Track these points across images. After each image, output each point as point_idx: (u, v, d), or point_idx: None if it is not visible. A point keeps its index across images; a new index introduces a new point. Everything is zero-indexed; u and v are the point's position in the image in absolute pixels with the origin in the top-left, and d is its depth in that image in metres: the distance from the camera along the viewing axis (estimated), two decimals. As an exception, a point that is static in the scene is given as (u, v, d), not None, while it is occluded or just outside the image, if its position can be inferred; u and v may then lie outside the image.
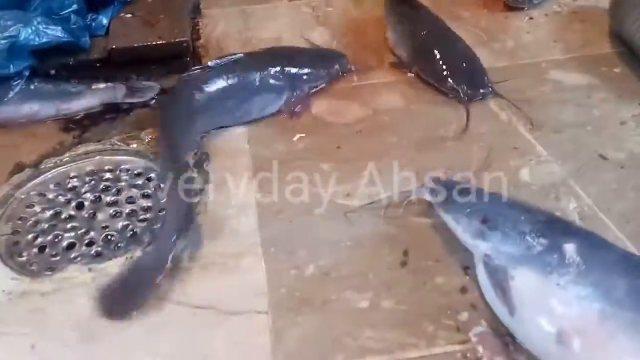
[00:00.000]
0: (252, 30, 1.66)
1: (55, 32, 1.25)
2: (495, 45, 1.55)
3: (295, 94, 1.28)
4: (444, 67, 1.32)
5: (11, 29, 1.19)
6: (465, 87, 1.27)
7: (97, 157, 1.19)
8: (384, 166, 1.12)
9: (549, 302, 0.70)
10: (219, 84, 1.21)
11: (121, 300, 0.84)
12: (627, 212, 0.99)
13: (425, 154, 1.16)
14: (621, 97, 1.31)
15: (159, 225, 1.01)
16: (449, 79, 1.30)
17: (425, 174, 1.08)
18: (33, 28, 1.22)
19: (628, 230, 0.96)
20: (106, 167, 1.16)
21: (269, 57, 1.31)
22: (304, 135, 1.23)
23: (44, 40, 1.24)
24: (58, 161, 1.18)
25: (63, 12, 1.33)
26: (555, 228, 0.78)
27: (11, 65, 1.23)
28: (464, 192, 0.90)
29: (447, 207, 0.89)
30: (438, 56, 1.35)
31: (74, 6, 1.35)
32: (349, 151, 1.18)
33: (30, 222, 1.04)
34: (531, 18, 1.68)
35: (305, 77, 1.30)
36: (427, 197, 0.95)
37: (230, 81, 1.22)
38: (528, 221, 0.79)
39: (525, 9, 1.71)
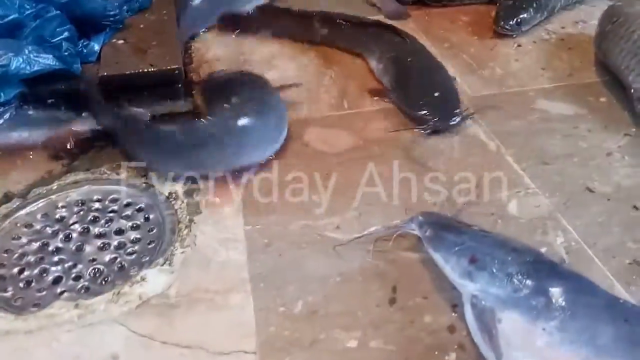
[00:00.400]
0: (245, 54, 1.67)
1: (46, 60, 1.25)
2: (484, 73, 1.57)
3: None
4: (416, 96, 1.34)
5: (2, 58, 1.19)
6: (433, 117, 1.29)
7: (86, 187, 1.18)
8: (373, 199, 1.13)
9: (536, 346, 0.70)
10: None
11: None
12: (612, 247, 1.00)
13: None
14: (607, 127, 1.33)
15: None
16: (418, 108, 1.31)
17: (414, 207, 1.09)
18: (24, 57, 1.22)
19: (613, 265, 0.97)
20: (95, 197, 1.16)
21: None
22: (295, 162, 1.23)
23: (36, 68, 1.24)
24: (46, 190, 1.17)
25: (54, 40, 1.33)
26: (542, 270, 0.78)
27: (1, 94, 1.23)
28: (452, 228, 0.91)
29: (435, 245, 0.89)
30: (412, 85, 1.37)
31: (66, 33, 1.35)
32: (339, 180, 1.18)
33: (17, 255, 1.03)
34: (519, 45, 1.70)
35: None
36: (416, 232, 0.96)
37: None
38: (515, 261, 0.79)
39: (514, 36, 1.74)
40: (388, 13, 1.87)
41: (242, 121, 1.20)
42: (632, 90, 1.32)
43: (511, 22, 1.71)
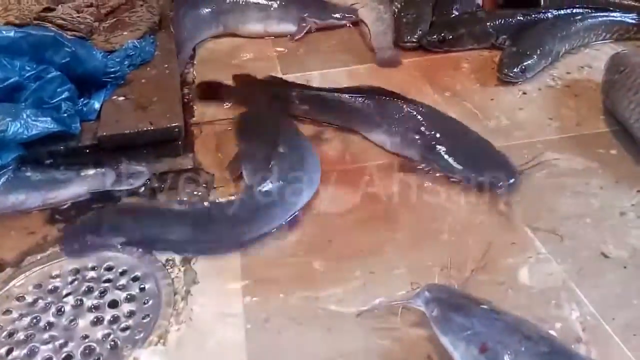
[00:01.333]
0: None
1: (44, 124, 1.24)
2: (490, 123, 1.54)
3: None
4: (471, 161, 1.27)
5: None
6: (500, 178, 1.23)
7: (81, 254, 1.15)
8: (377, 266, 1.08)
9: None
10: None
11: None
12: (632, 322, 0.95)
13: (420, 250, 1.12)
14: (619, 183, 1.29)
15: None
16: (481, 173, 1.24)
17: (420, 274, 1.04)
18: (22, 122, 1.21)
19: (634, 344, 0.91)
20: (90, 265, 1.12)
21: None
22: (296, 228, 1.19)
23: (33, 132, 1.23)
24: (41, 257, 1.14)
25: (54, 100, 1.33)
26: (557, 363, 0.73)
27: (-1, 159, 1.22)
28: (461, 308, 0.86)
29: (443, 327, 0.84)
30: (459, 152, 1.29)
31: (66, 93, 1.35)
32: (341, 246, 1.14)
33: (6, 332, 0.99)
34: (525, 93, 1.68)
35: None
36: (423, 308, 0.91)
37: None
38: (529, 352, 0.74)
39: (519, 82, 1.71)
40: (381, 60, 1.85)
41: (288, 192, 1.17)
42: (644, 148, 1.28)
43: (515, 70, 1.68)
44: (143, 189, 1.32)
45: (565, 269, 1.06)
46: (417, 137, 1.34)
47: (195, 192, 1.32)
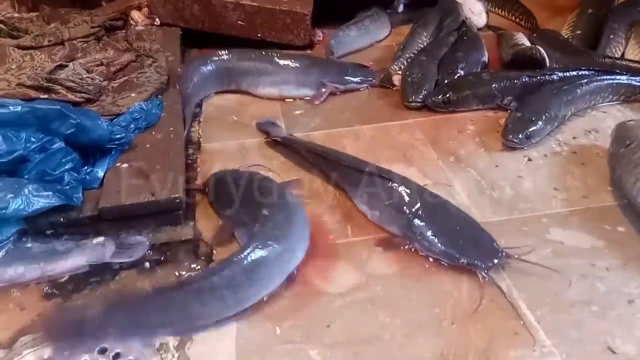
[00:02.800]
0: (250, 168, 1.66)
1: (46, 199, 1.25)
2: (494, 194, 1.52)
3: None
4: (450, 242, 1.25)
5: (0, 201, 1.19)
6: (480, 261, 1.21)
7: (76, 334, 1.13)
8: (375, 356, 1.06)
9: None
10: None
11: None
12: None
13: (419, 340, 1.09)
14: (627, 265, 1.25)
15: None
16: (461, 256, 1.22)
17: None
18: (23, 198, 1.22)
19: None
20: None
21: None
22: (294, 306, 1.17)
23: (35, 208, 1.24)
24: (34, 339, 1.12)
25: (57, 172, 1.34)
26: None
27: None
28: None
29: None
30: (439, 232, 1.27)
31: (69, 164, 1.36)
32: (339, 332, 1.12)
33: None
34: (530, 159, 1.66)
35: None
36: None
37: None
38: None
39: (525, 148, 1.70)
40: None
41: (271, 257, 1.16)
42: (652, 230, 1.24)
43: (520, 136, 1.67)
44: (142, 261, 1.31)
45: (570, 366, 1.02)
46: (397, 214, 1.33)
47: (193, 265, 1.31)
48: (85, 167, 1.43)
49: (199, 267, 1.30)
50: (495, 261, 1.20)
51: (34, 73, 1.83)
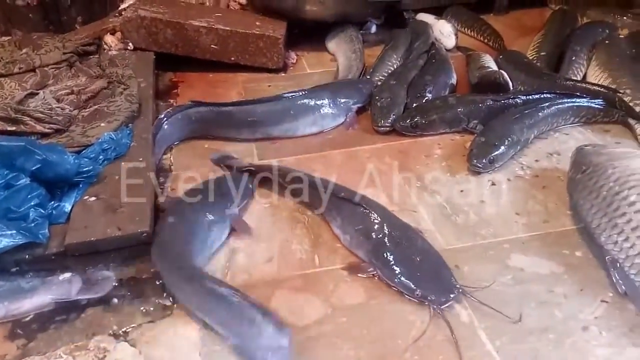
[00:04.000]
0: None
1: (10, 239, 1.25)
2: (458, 219, 1.55)
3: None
4: (408, 274, 1.28)
5: (-39, 242, 1.18)
6: (433, 296, 1.24)
7: (40, 376, 1.13)
8: (338, 392, 1.07)
9: None
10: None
11: None
12: None
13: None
14: (583, 291, 1.29)
15: None
16: (416, 288, 1.25)
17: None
18: (-15, 238, 1.21)
19: None
20: (47, 390, 1.10)
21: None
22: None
23: (-2, 247, 1.23)
24: (-3, 382, 1.12)
25: (22, 209, 1.35)
26: None
27: (-40, 275, 1.21)
28: None
29: None
30: (399, 261, 1.30)
31: (35, 200, 1.37)
32: (305, 367, 1.13)
33: None
34: (494, 184, 1.70)
35: None
36: None
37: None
38: None
39: (489, 172, 1.74)
40: None
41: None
42: (607, 257, 1.29)
43: (484, 161, 1.72)
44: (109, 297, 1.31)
45: (525, 397, 1.05)
46: (364, 239, 1.37)
47: (160, 301, 1.31)
48: (52, 202, 1.44)
49: (165, 304, 1.30)
50: (451, 296, 1.23)
51: (3, 103, 1.83)
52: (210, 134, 1.94)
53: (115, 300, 1.31)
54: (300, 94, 1.97)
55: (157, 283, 1.35)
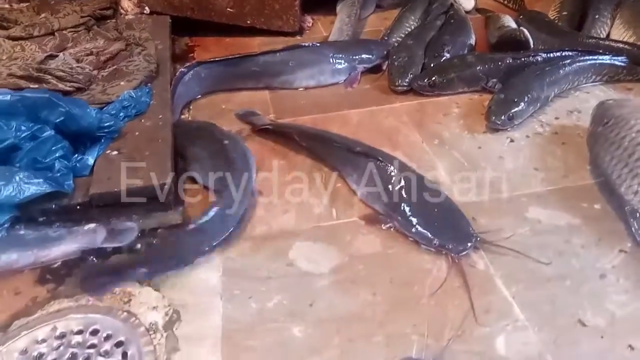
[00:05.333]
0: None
1: (37, 186, 1.28)
2: (476, 175, 1.55)
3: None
4: (425, 224, 1.28)
5: (-8, 188, 1.22)
6: (451, 245, 1.24)
7: (69, 316, 1.18)
8: (356, 333, 1.10)
9: None
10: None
11: None
12: (606, 401, 0.95)
13: (398, 316, 1.13)
14: (601, 242, 1.29)
15: None
16: (434, 238, 1.26)
17: (398, 342, 1.06)
18: (14, 185, 1.25)
19: None
20: (76, 329, 1.15)
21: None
22: (278, 287, 1.21)
23: (26, 194, 1.27)
24: (28, 322, 1.17)
25: (48, 159, 1.37)
26: None
27: (-9, 221, 1.26)
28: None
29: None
30: (416, 212, 1.31)
31: (60, 152, 1.39)
32: (321, 310, 1.16)
33: (-8, 401, 1.02)
34: (512, 141, 1.69)
35: None
36: (395, 385, 0.92)
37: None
38: None
39: (508, 129, 1.72)
40: None
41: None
42: (626, 207, 1.28)
43: (503, 117, 1.70)
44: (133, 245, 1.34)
45: (541, 338, 1.07)
46: (381, 192, 1.38)
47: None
48: (76, 155, 1.46)
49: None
50: (468, 245, 1.24)
51: (25, 63, 1.85)
52: (221, 88, 1.99)
53: (139, 248, 1.34)
54: (303, 48, 2.00)
55: (179, 233, 1.37)
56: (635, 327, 1.07)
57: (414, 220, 1.30)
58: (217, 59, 1.99)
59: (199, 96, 1.98)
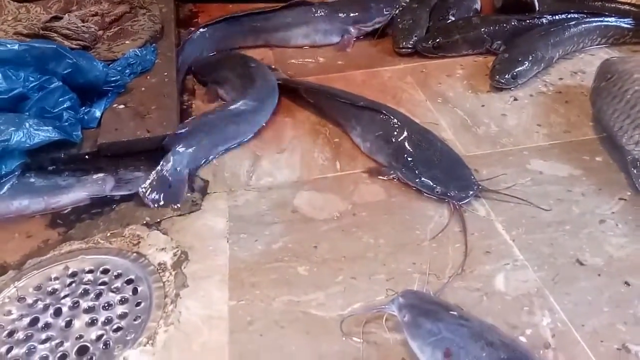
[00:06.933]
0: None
1: (46, 133, 1.30)
2: (479, 130, 1.56)
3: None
4: (428, 173, 1.31)
5: (3, 133, 1.24)
6: (453, 192, 1.27)
7: (80, 257, 1.21)
8: (359, 271, 1.13)
9: None
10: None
11: None
12: (600, 330, 0.98)
13: (401, 257, 1.16)
14: (602, 190, 1.31)
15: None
16: (436, 186, 1.28)
17: (400, 280, 1.09)
18: (25, 131, 1.27)
19: (601, 351, 0.94)
20: (87, 268, 1.19)
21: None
22: (283, 231, 1.24)
23: (36, 141, 1.29)
24: (41, 261, 1.20)
25: (56, 110, 1.39)
26: (515, 369, 0.77)
27: (3, 166, 1.29)
28: (430, 314, 0.90)
29: (412, 333, 0.89)
30: (419, 162, 1.33)
31: (67, 103, 1.41)
32: (325, 252, 1.19)
33: (7, 331, 1.05)
34: (516, 99, 1.70)
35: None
36: (397, 314, 0.95)
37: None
38: (489, 357, 0.78)
39: (511, 89, 1.73)
40: None
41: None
42: (628, 157, 1.29)
43: (507, 76, 1.71)
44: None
45: (540, 276, 1.09)
46: (384, 144, 1.40)
47: (189, 197, 1.37)
48: (83, 108, 1.48)
49: (194, 199, 1.36)
50: (470, 193, 1.26)
51: (30, 23, 1.87)
52: (226, 47, 2.02)
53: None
54: (300, 6, 2.02)
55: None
56: (632, 267, 1.10)
57: (417, 169, 1.32)
58: (219, 19, 2.01)
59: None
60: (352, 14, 2.03)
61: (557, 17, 1.92)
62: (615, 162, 1.39)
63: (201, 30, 1.98)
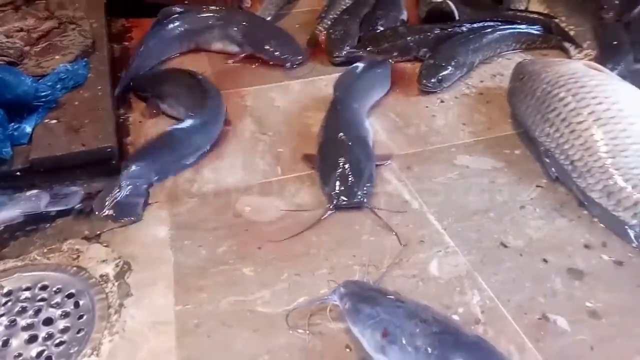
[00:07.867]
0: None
1: (-28, 151, 1.25)
2: (410, 130, 1.66)
3: None
4: (327, 172, 1.40)
5: None
6: (335, 195, 1.33)
7: (16, 275, 1.17)
8: (302, 268, 1.17)
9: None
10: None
11: None
12: (523, 303, 1.07)
13: (342, 251, 1.21)
14: (521, 179, 1.44)
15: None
16: (325, 184, 1.38)
17: (341, 273, 1.14)
18: (-52, 151, 1.22)
19: (524, 322, 1.03)
20: (24, 286, 1.15)
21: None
22: (227, 235, 1.26)
23: (-40, 160, 1.24)
24: (-28, 283, 1.15)
25: (-18, 127, 1.34)
26: (447, 341, 0.84)
27: None
28: (369, 300, 0.95)
29: (353, 318, 0.94)
30: (326, 160, 1.43)
31: (-5, 119, 1.37)
32: (270, 252, 1.22)
33: (-63, 358, 1.00)
34: (442, 101, 1.82)
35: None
36: (338, 303, 1.00)
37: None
38: (422, 333, 0.84)
39: (437, 92, 1.86)
40: None
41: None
42: (540, 148, 1.43)
43: (433, 80, 1.83)
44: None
45: (469, 259, 1.18)
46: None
47: (130, 210, 1.36)
48: (12, 124, 1.44)
49: (135, 210, 1.35)
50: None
51: (-50, 40, 1.78)
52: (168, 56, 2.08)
53: (85, 210, 1.34)
54: (218, 12, 2.10)
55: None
56: (548, 246, 1.22)
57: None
58: (153, 26, 2.06)
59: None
60: (249, 34, 2.04)
61: (475, 25, 2.09)
62: (531, 153, 1.53)
63: (146, 41, 1.99)
